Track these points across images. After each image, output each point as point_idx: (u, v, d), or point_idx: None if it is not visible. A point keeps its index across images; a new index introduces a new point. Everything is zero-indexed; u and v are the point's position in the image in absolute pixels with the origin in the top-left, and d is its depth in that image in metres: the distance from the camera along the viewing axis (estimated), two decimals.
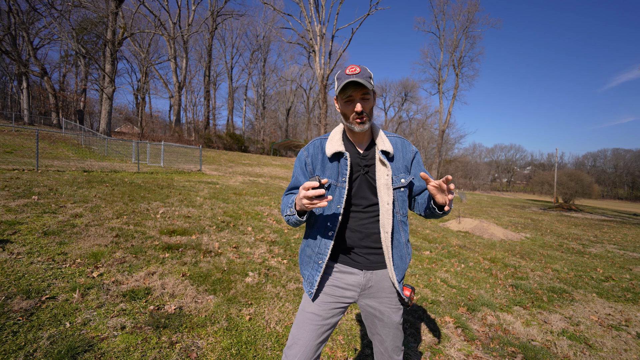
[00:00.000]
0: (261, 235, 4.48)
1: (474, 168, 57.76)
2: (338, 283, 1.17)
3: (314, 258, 1.17)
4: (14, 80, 33.53)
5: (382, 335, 1.20)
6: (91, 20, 24.61)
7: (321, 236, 1.16)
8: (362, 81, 1.05)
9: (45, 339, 1.72)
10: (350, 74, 1.07)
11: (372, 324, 1.22)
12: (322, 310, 1.14)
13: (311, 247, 1.19)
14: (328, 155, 1.17)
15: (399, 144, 1.23)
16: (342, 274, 1.18)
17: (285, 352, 1.11)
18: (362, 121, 1.11)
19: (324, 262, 1.14)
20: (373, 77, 1.13)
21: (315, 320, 1.13)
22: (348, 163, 1.14)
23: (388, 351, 1.21)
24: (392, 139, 1.23)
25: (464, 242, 6.43)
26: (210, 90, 35.68)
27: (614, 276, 4.68)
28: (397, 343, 1.21)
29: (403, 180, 1.18)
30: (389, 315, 1.18)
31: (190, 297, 2.43)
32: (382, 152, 1.16)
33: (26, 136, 14.80)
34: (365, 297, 1.19)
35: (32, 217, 3.78)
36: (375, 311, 1.19)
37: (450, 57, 36.89)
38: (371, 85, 1.08)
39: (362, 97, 1.10)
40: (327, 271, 1.20)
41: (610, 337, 2.70)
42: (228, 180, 10.83)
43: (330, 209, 1.15)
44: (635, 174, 74.03)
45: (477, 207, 17.64)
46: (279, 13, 27.73)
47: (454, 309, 2.95)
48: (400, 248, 1.18)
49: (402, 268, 1.18)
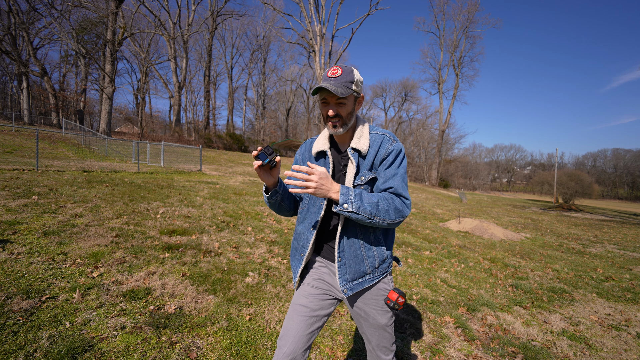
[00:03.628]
0: (261, 235, 4.48)
1: (474, 168, 57.78)
2: (324, 277, 1.22)
3: (298, 251, 1.24)
4: (14, 80, 33.53)
5: (368, 334, 1.22)
6: (91, 20, 24.61)
7: (305, 231, 1.21)
8: (333, 88, 1.02)
9: (45, 339, 1.72)
10: (330, 76, 1.06)
11: (359, 323, 1.25)
12: (310, 303, 1.17)
13: (297, 241, 1.26)
14: (313, 153, 1.24)
15: (377, 141, 1.16)
16: (327, 268, 1.23)
17: (278, 342, 1.15)
18: (335, 125, 1.11)
19: (304, 255, 1.20)
20: (359, 80, 1.10)
21: (304, 311, 1.16)
22: (330, 161, 1.19)
23: (374, 350, 1.23)
24: (373, 136, 1.17)
25: (464, 242, 6.42)
26: (210, 90, 35.68)
27: (614, 276, 4.68)
28: (383, 343, 1.21)
29: (363, 177, 1.13)
30: (374, 317, 1.19)
31: (190, 297, 2.43)
32: (353, 149, 1.15)
33: (26, 136, 14.79)
34: (351, 296, 1.21)
35: (32, 217, 3.78)
36: (361, 311, 1.20)
37: (450, 57, 36.93)
38: (348, 91, 1.05)
39: (337, 102, 1.08)
40: (311, 265, 1.26)
41: (610, 337, 2.70)
42: (228, 180, 10.83)
43: (315, 205, 1.20)
44: (635, 174, 74.01)
45: (477, 207, 17.64)
46: (279, 13, 27.74)
47: (454, 309, 2.95)
48: (355, 248, 1.14)
49: (355, 269, 1.13)
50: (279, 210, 1.24)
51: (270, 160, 1.03)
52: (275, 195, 1.16)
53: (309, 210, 1.22)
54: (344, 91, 1.04)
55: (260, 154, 1.01)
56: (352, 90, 1.08)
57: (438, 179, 39.42)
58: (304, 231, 1.22)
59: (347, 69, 1.09)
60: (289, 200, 1.24)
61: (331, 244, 1.21)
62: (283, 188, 1.19)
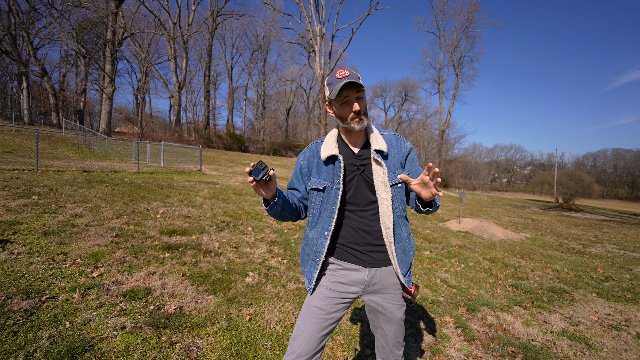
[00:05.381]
0: (261, 235, 4.48)
1: (474, 168, 57.78)
2: (342, 279, 1.21)
3: (312, 256, 1.23)
4: (14, 80, 33.53)
5: (385, 329, 1.24)
6: (91, 20, 24.60)
7: (318, 235, 1.21)
8: (356, 79, 1.10)
9: (45, 339, 1.72)
10: (342, 77, 1.11)
11: (376, 318, 1.26)
12: (326, 305, 1.17)
13: (309, 246, 1.25)
14: (323, 158, 1.22)
15: (393, 141, 1.26)
16: (346, 270, 1.21)
17: (291, 343, 1.15)
18: (361, 119, 1.15)
19: (320, 260, 1.20)
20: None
21: (319, 314, 1.16)
22: (342, 166, 1.19)
23: (389, 345, 1.25)
24: (387, 137, 1.26)
25: (464, 242, 6.42)
26: (210, 90, 35.67)
27: (614, 276, 4.68)
28: (398, 338, 1.25)
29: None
30: (391, 311, 1.21)
31: (190, 297, 2.43)
32: (376, 151, 1.19)
33: (26, 136, 14.79)
34: (369, 293, 1.23)
35: (32, 217, 3.78)
36: (379, 307, 1.22)
37: (450, 57, 36.92)
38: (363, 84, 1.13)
39: (358, 97, 1.14)
40: (325, 268, 1.25)
41: (610, 337, 2.70)
42: (228, 180, 10.83)
43: (327, 210, 1.20)
44: (635, 174, 74.02)
45: (477, 207, 17.65)
46: (279, 13, 27.74)
47: (454, 309, 2.95)
48: (403, 242, 1.21)
49: (406, 262, 1.21)
50: (280, 218, 1.23)
51: (263, 175, 1.03)
52: (275, 206, 1.15)
53: (321, 215, 1.22)
54: (362, 82, 1.11)
55: (253, 171, 1.01)
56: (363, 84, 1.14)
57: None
58: (317, 236, 1.21)
59: (349, 69, 1.15)
60: (290, 208, 1.24)
61: (351, 245, 1.21)
62: (282, 198, 1.17)
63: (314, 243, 1.22)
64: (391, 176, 1.19)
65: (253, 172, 1.02)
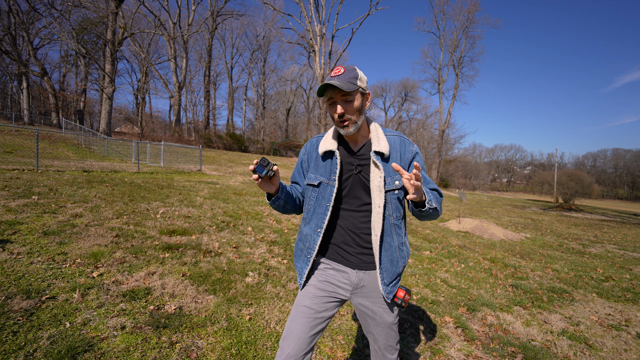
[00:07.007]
0: (261, 235, 4.48)
1: (474, 168, 57.79)
2: (330, 279, 1.20)
3: (304, 252, 1.22)
4: (14, 80, 33.53)
5: (375, 334, 1.22)
6: (91, 20, 24.61)
7: (311, 232, 1.20)
8: (338, 83, 1.01)
9: (45, 339, 1.72)
10: (333, 76, 1.05)
11: (365, 322, 1.24)
12: (314, 304, 1.16)
13: (302, 242, 1.24)
14: (320, 153, 1.20)
15: (397, 143, 1.19)
16: (335, 271, 1.20)
17: (281, 344, 1.13)
18: (345, 125, 1.08)
19: (311, 257, 1.19)
20: (363, 77, 1.09)
21: (308, 313, 1.14)
22: (338, 162, 1.16)
23: (381, 349, 1.23)
24: (391, 138, 1.19)
25: (464, 242, 6.42)
26: (210, 90, 35.67)
27: (614, 276, 4.68)
28: (390, 342, 1.22)
29: (397, 182, 1.14)
30: (381, 315, 1.19)
31: (190, 297, 2.43)
32: (375, 153, 1.13)
33: (26, 136, 14.79)
34: (358, 296, 1.20)
35: (32, 217, 3.78)
36: (368, 310, 1.20)
37: (450, 57, 36.90)
38: (353, 86, 1.04)
39: (344, 100, 1.06)
40: (316, 266, 1.24)
41: (610, 337, 2.70)
42: (228, 180, 10.83)
43: (321, 207, 1.18)
44: (635, 174, 74.01)
45: (477, 207, 17.65)
46: (279, 13, 27.74)
47: (454, 309, 2.95)
48: (392, 251, 1.16)
49: (392, 272, 1.16)
50: (283, 211, 1.24)
51: (267, 171, 1.04)
52: (278, 200, 1.16)
53: (315, 211, 1.20)
54: (349, 86, 1.03)
55: (257, 167, 1.03)
56: (357, 85, 1.06)
57: (438, 179, 39.42)
58: (310, 232, 1.20)
59: (349, 67, 1.09)
60: (293, 202, 1.25)
61: (341, 245, 1.20)
62: (285, 192, 1.18)
63: (307, 239, 1.21)
64: (388, 181, 1.13)
65: (257, 169, 1.03)
